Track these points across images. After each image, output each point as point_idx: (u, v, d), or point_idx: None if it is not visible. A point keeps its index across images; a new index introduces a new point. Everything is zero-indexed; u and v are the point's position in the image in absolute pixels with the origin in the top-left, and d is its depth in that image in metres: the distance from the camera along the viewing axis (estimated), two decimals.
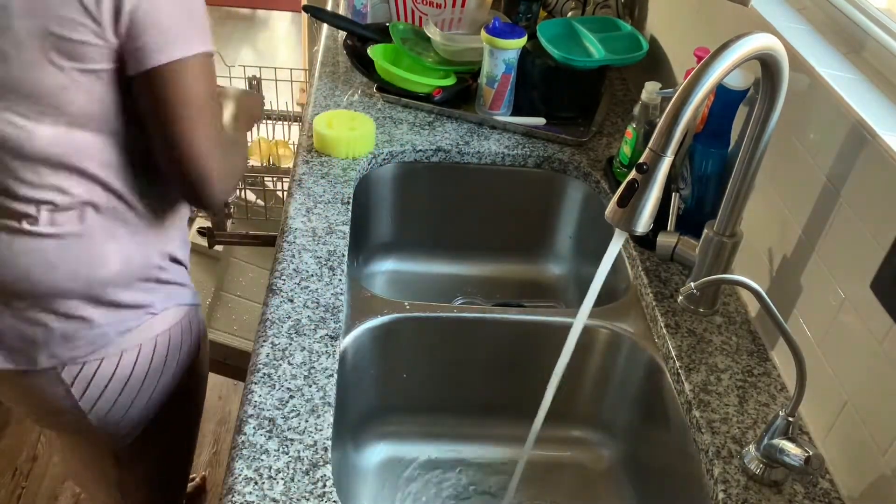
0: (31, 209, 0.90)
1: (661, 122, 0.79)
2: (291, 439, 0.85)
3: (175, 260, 1.05)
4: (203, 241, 1.89)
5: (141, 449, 1.14)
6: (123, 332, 1.00)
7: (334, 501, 0.79)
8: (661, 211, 0.86)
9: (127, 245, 0.97)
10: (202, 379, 1.24)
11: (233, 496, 0.79)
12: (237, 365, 1.79)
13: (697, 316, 1.08)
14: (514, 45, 1.37)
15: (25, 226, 0.90)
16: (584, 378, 1.16)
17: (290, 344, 0.96)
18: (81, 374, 0.98)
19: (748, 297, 1.11)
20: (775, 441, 0.83)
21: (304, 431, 0.86)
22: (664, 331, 1.05)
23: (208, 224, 1.87)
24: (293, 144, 2.24)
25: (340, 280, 1.07)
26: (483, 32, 1.37)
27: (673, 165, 0.86)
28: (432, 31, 1.47)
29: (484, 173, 1.39)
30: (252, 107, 1.17)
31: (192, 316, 1.12)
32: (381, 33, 1.57)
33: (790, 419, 0.82)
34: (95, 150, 0.90)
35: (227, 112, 1.10)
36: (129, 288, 0.98)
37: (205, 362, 1.22)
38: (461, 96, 1.48)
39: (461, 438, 1.20)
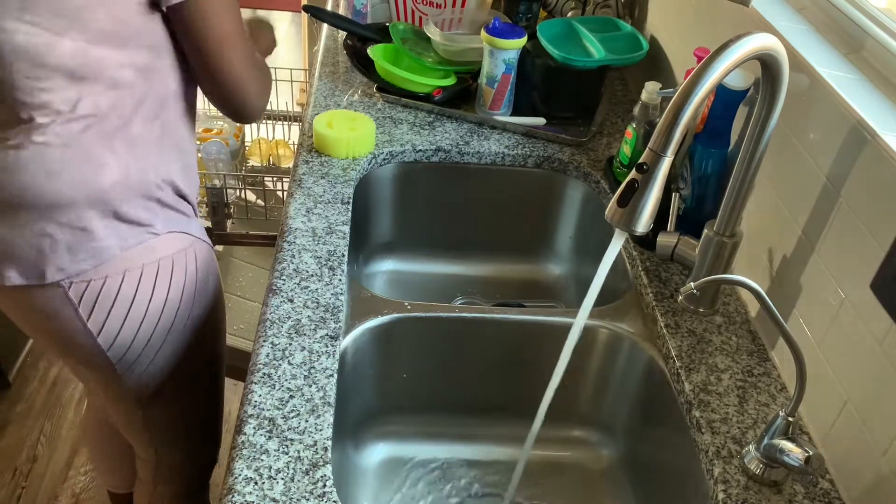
0: (42, 118, 0.94)
1: (661, 122, 0.79)
2: (291, 439, 0.85)
3: (175, 188, 1.08)
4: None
5: (162, 392, 1.18)
6: (125, 248, 1.02)
7: (334, 501, 0.79)
8: (661, 211, 0.86)
9: (125, 158, 1.00)
10: (218, 332, 1.26)
11: (233, 496, 0.79)
12: (237, 365, 1.79)
13: (697, 316, 1.08)
14: (514, 45, 1.37)
15: (35, 136, 0.94)
16: (584, 378, 1.16)
17: (290, 344, 0.96)
18: (87, 292, 1.02)
19: (748, 297, 1.11)
20: (775, 441, 0.83)
21: (304, 431, 0.86)
22: (664, 331, 1.05)
23: (208, 224, 1.87)
24: (293, 144, 2.24)
25: (340, 280, 1.07)
26: (483, 32, 1.37)
27: (673, 165, 0.86)
28: (432, 31, 1.47)
29: (484, 173, 1.39)
30: (265, 32, 1.32)
31: (200, 251, 1.14)
32: (381, 33, 1.57)
33: (790, 419, 0.82)
34: (111, 68, 0.95)
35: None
36: (128, 202, 1.01)
37: (219, 313, 1.24)
38: (461, 96, 1.48)
39: (461, 438, 1.20)
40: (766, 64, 0.84)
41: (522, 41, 1.37)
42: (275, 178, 2.00)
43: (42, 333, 1.10)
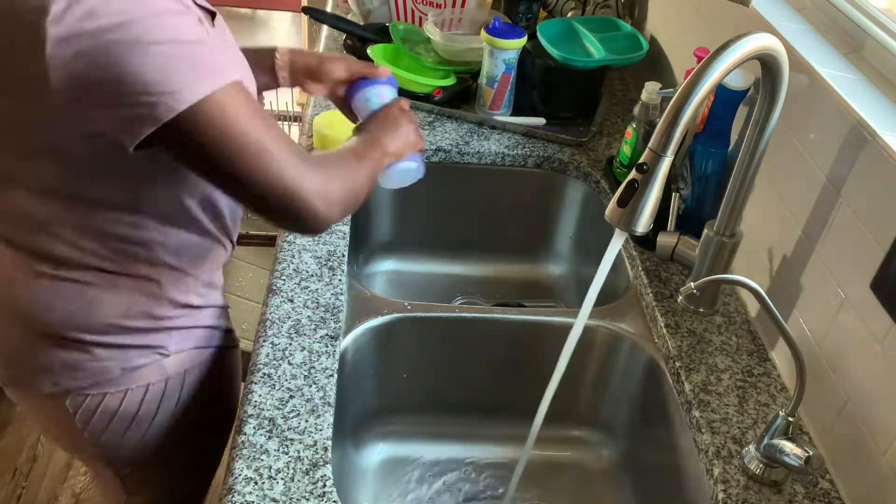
0: (50, 255, 0.86)
1: (661, 122, 0.79)
2: (291, 439, 0.85)
3: (190, 306, 0.96)
4: None
5: (147, 479, 1.09)
6: (130, 369, 0.93)
7: (334, 501, 0.79)
8: (661, 211, 0.86)
9: (127, 294, 0.90)
10: (230, 414, 1.11)
11: (233, 496, 0.79)
12: None
13: (697, 316, 1.08)
14: (514, 45, 1.36)
15: (44, 269, 0.87)
16: (584, 378, 1.16)
17: (290, 344, 0.96)
18: (85, 405, 0.94)
19: (748, 297, 1.11)
20: (775, 441, 0.83)
21: (304, 431, 0.86)
22: (664, 331, 1.05)
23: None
24: None
25: (340, 280, 1.07)
26: (483, 32, 1.37)
27: (673, 165, 0.86)
28: (432, 31, 1.47)
29: (484, 173, 1.39)
30: (399, 127, 1.01)
31: (221, 357, 1.04)
32: (380, 33, 1.57)
33: (790, 419, 0.82)
34: (114, 207, 0.84)
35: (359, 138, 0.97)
36: (129, 333, 0.91)
37: (235, 397, 1.12)
38: (461, 96, 1.48)
39: (461, 438, 1.20)
40: (766, 64, 0.84)
41: (522, 41, 1.37)
42: None
43: (41, 426, 1.05)
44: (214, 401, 1.07)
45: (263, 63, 1.06)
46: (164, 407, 0.98)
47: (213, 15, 0.85)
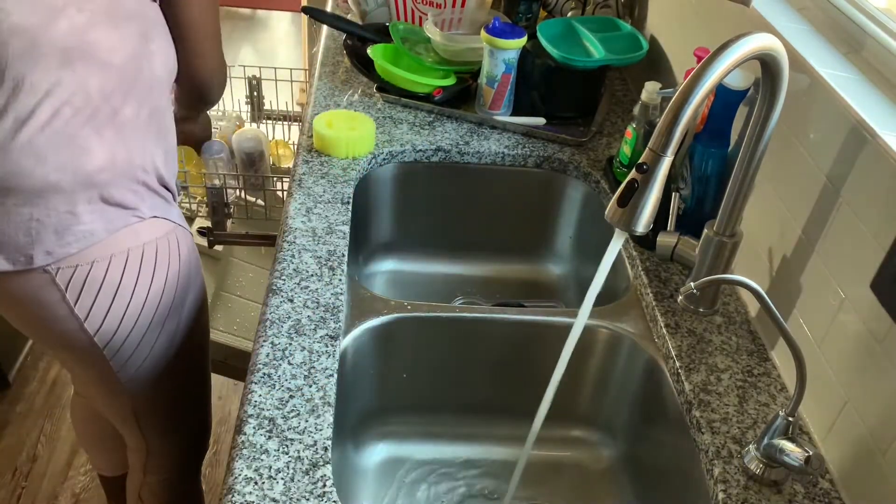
0: (30, 99, 0.95)
1: (661, 122, 0.79)
2: (291, 439, 0.85)
3: (158, 174, 1.10)
4: (203, 241, 1.89)
5: (149, 380, 1.19)
6: (112, 231, 1.03)
7: (334, 501, 0.79)
8: (661, 211, 0.86)
9: (112, 142, 1.01)
10: (202, 320, 1.27)
11: (233, 496, 0.79)
12: (237, 365, 1.79)
13: (697, 316, 1.08)
14: (514, 45, 1.36)
15: (23, 118, 0.95)
16: (584, 378, 1.16)
17: (290, 344, 0.96)
18: (74, 277, 1.02)
19: (748, 297, 1.11)
20: (775, 441, 0.83)
21: (304, 431, 0.86)
22: (664, 331, 1.05)
23: (208, 224, 1.86)
24: (293, 144, 2.24)
25: (340, 280, 1.07)
26: (483, 32, 1.37)
27: (673, 165, 0.86)
28: (432, 31, 1.47)
29: (484, 173, 1.39)
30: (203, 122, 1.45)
31: (182, 237, 1.15)
32: (380, 33, 1.57)
33: (790, 419, 0.82)
34: (103, 51, 0.97)
35: None
36: (115, 186, 1.02)
37: (202, 301, 1.25)
38: (461, 96, 1.48)
39: (461, 438, 1.20)
40: (766, 64, 0.84)
41: (522, 41, 1.37)
42: (275, 178, 2.00)
43: (28, 322, 1.10)
44: (186, 283, 1.18)
45: None
46: (142, 277, 1.08)
47: None
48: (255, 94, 2.08)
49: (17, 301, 1.05)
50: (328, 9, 1.90)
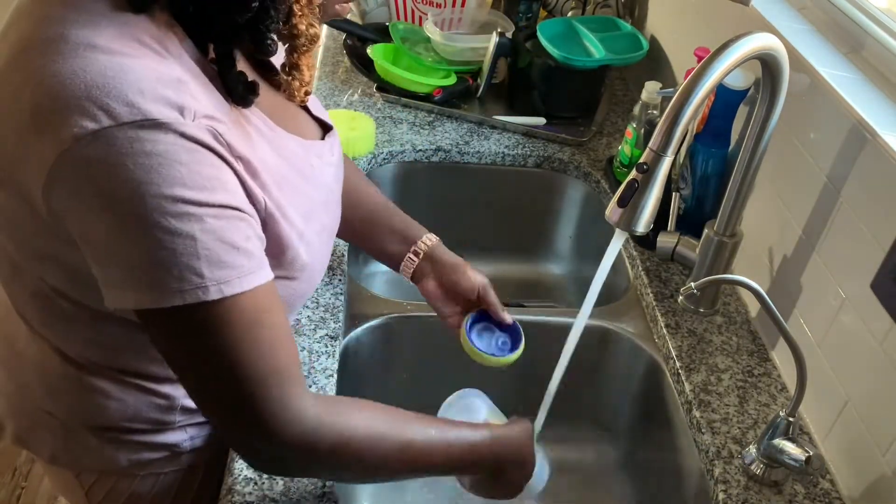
0: (60, 349, 0.81)
1: (661, 122, 0.79)
2: None
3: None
4: None
5: None
6: (139, 462, 0.87)
7: (334, 502, 0.79)
8: (661, 211, 0.85)
9: (135, 400, 0.83)
10: None
11: (233, 496, 0.79)
12: None
13: (698, 316, 1.08)
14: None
15: (53, 357, 0.82)
16: (585, 378, 1.16)
17: None
18: (95, 483, 0.90)
19: (748, 297, 1.11)
20: (775, 441, 0.83)
21: None
22: (664, 331, 1.05)
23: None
24: None
25: (340, 280, 1.07)
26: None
27: (673, 165, 0.86)
28: (432, 31, 1.47)
29: (484, 173, 1.39)
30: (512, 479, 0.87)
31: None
32: (380, 33, 1.57)
33: (790, 419, 0.82)
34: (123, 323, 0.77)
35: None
36: (138, 434, 0.86)
37: None
38: (461, 96, 1.48)
39: None
40: (767, 64, 0.84)
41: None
42: None
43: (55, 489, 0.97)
44: None
45: (398, 237, 1.00)
46: (181, 493, 0.92)
47: (252, 90, 0.69)
48: None
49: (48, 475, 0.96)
50: None
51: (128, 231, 0.58)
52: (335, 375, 0.93)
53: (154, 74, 0.58)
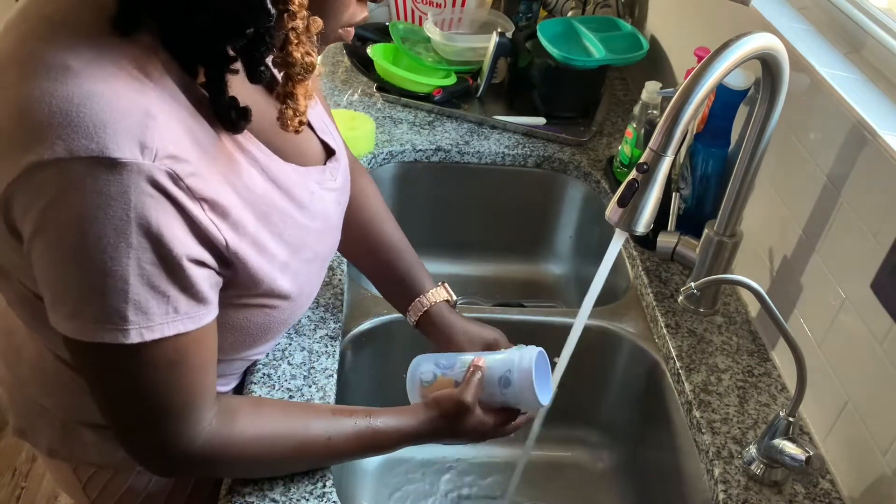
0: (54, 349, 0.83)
1: (661, 122, 0.79)
2: None
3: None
4: None
5: None
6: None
7: (334, 501, 0.79)
8: (661, 211, 0.85)
9: None
10: None
11: (233, 496, 0.79)
12: None
13: (698, 316, 1.08)
14: None
15: (48, 355, 0.83)
16: (584, 378, 1.16)
17: (290, 344, 0.96)
18: (92, 476, 0.92)
19: (748, 297, 1.11)
20: (776, 441, 0.83)
21: None
22: (664, 331, 1.05)
23: None
24: None
25: (340, 280, 1.07)
26: None
27: (673, 165, 0.86)
28: (432, 31, 1.47)
29: (484, 173, 1.39)
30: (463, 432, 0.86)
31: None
32: (380, 33, 1.57)
33: (790, 419, 0.82)
34: None
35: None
36: None
37: None
38: (461, 96, 1.48)
39: None
40: (767, 64, 0.84)
41: None
42: None
43: (56, 483, 0.99)
44: None
45: (404, 290, 0.98)
46: (177, 489, 0.94)
47: (244, 116, 0.67)
48: None
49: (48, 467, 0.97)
50: None
51: (64, 261, 0.59)
52: (335, 375, 0.93)
53: (122, 106, 0.57)
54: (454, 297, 0.98)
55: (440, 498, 1.13)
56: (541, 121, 1.44)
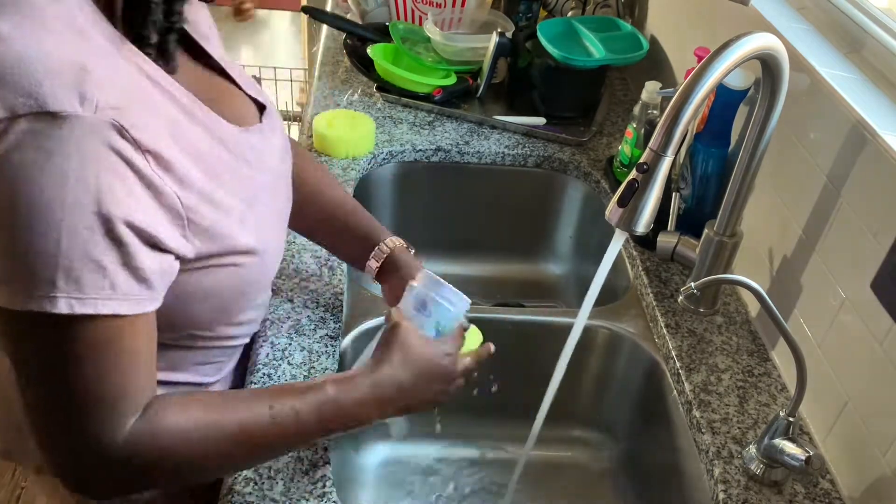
0: None
1: (661, 122, 0.79)
2: None
3: None
4: None
5: None
6: None
7: (334, 501, 0.79)
8: (661, 211, 0.85)
9: None
10: None
11: (233, 496, 0.79)
12: None
13: (698, 316, 1.08)
14: None
15: None
16: (584, 378, 1.16)
17: (290, 344, 0.96)
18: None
19: (748, 297, 1.11)
20: (776, 441, 0.83)
21: None
22: (664, 331, 1.05)
23: None
24: None
25: (340, 280, 1.07)
26: None
27: (673, 165, 0.86)
28: (432, 31, 1.47)
29: (484, 173, 1.39)
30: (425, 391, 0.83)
31: None
32: (380, 33, 1.57)
33: (790, 419, 0.82)
34: None
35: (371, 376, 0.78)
36: None
37: None
38: (461, 96, 1.48)
39: (461, 438, 1.20)
40: (767, 64, 0.84)
41: None
42: None
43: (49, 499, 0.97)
44: None
45: (362, 243, 0.98)
46: (177, 496, 0.91)
47: (172, 33, 0.67)
48: None
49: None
50: (328, 8, 1.90)
51: None
52: None
53: (54, 63, 0.56)
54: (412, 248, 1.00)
55: (440, 498, 1.13)
56: (541, 121, 1.44)
